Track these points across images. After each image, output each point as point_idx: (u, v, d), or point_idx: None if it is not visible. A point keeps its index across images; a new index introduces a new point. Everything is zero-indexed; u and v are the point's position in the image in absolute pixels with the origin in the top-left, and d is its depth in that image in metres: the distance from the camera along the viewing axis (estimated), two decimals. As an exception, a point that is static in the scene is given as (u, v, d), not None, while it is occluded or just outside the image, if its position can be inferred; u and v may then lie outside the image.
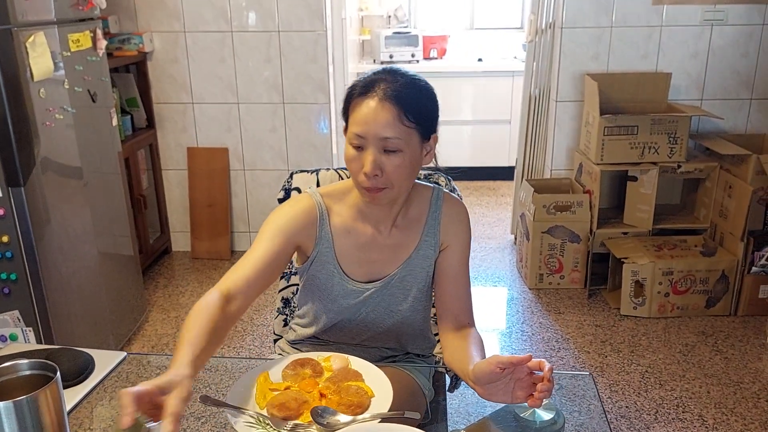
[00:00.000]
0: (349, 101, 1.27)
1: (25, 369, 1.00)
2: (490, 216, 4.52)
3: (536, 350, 2.85)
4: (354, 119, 1.24)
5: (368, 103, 1.22)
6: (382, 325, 1.42)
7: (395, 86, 1.23)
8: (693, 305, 3.10)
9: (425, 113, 1.27)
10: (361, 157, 1.24)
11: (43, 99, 2.23)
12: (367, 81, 1.25)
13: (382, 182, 1.25)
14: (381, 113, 1.21)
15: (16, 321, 2.29)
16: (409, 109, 1.22)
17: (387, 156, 1.23)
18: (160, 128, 3.72)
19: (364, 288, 1.38)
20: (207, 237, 3.82)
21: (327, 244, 1.37)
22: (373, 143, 1.22)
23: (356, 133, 1.23)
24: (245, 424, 1.10)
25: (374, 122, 1.21)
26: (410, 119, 1.23)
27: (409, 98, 1.23)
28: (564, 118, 3.56)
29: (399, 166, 1.24)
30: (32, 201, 2.20)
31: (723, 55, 3.40)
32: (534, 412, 1.09)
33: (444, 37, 5.46)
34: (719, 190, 3.20)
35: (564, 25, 3.39)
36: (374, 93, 1.23)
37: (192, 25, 3.54)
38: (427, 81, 1.31)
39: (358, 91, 1.25)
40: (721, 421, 2.36)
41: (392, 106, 1.21)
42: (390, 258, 1.38)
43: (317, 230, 1.36)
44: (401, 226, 1.38)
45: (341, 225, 1.37)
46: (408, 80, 1.26)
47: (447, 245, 1.39)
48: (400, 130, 1.22)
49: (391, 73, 1.27)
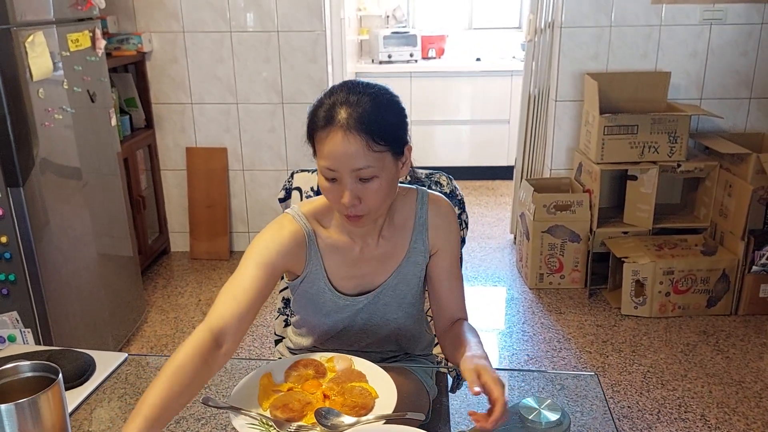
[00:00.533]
0: (313, 131, 1.22)
1: (27, 371, 0.99)
2: (490, 216, 4.51)
3: (537, 350, 2.85)
4: (322, 153, 1.20)
5: (333, 137, 1.16)
6: (380, 334, 1.42)
7: (358, 111, 1.16)
8: (694, 305, 3.10)
9: (393, 132, 1.21)
10: (336, 189, 1.21)
11: (42, 99, 2.22)
12: (327, 108, 1.19)
13: (362, 209, 1.22)
14: (348, 145, 1.16)
15: (14, 322, 2.28)
16: (377, 134, 1.17)
17: (363, 184, 1.19)
18: (158, 128, 3.71)
19: (355, 301, 1.38)
20: (206, 237, 3.81)
21: (317, 263, 1.35)
22: (347, 174, 1.18)
23: (327, 167, 1.19)
24: (248, 425, 1.09)
25: (344, 155, 1.16)
26: (380, 143, 1.17)
27: (375, 122, 1.17)
28: (563, 117, 3.56)
29: (377, 191, 1.21)
30: (31, 201, 2.19)
31: (722, 54, 3.40)
32: (540, 413, 1.08)
33: (442, 36, 5.46)
34: (719, 189, 3.19)
35: (563, 25, 3.39)
36: (337, 123, 1.16)
37: (191, 26, 3.53)
38: (388, 90, 1.25)
39: (321, 122, 1.19)
40: (724, 421, 2.35)
41: (358, 135, 1.16)
42: (379, 269, 1.37)
43: (305, 252, 1.33)
44: (388, 235, 1.36)
45: (329, 243, 1.35)
46: (370, 99, 1.19)
47: (437, 250, 1.38)
48: (371, 158, 1.17)
49: (351, 92, 1.20)
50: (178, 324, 3.09)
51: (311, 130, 1.23)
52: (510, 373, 1.91)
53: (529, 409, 1.10)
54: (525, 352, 2.85)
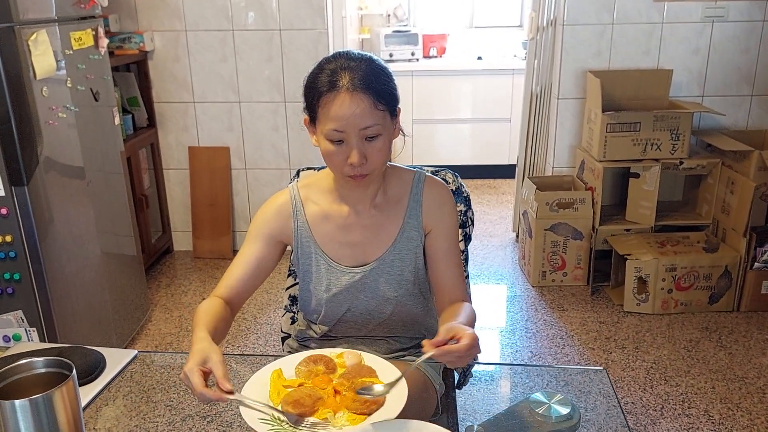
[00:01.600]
0: (316, 98, 1.27)
1: (41, 367, 1.00)
2: (492, 214, 4.52)
3: (541, 347, 2.85)
4: (328, 115, 1.25)
5: (340, 98, 1.23)
6: (384, 312, 1.43)
7: (360, 74, 1.24)
8: (696, 301, 3.11)
9: (391, 93, 1.29)
10: (342, 150, 1.26)
11: (45, 97, 2.22)
12: (329, 73, 1.26)
13: (367, 168, 1.28)
14: (356, 105, 1.23)
15: (19, 321, 2.28)
16: (380, 93, 1.25)
17: (369, 143, 1.26)
18: (161, 127, 3.71)
19: (352, 272, 1.40)
20: (209, 236, 3.81)
21: (306, 234, 1.40)
22: (354, 134, 1.24)
23: (334, 128, 1.24)
24: (260, 420, 1.10)
25: (352, 115, 1.23)
26: (382, 102, 1.25)
27: (377, 82, 1.25)
28: (565, 115, 3.56)
29: (381, 149, 1.28)
30: (35, 200, 2.19)
31: (724, 51, 3.41)
32: (550, 408, 1.09)
33: (443, 35, 5.46)
34: (721, 186, 3.20)
35: (565, 22, 3.39)
36: (341, 85, 1.23)
37: (193, 24, 3.53)
38: (375, 56, 1.33)
39: (324, 87, 1.25)
40: (727, 417, 2.36)
41: (364, 94, 1.23)
42: (372, 240, 1.40)
43: (292, 223, 1.41)
44: (380, 206, 1.40)
45: (318, 213, 1.41)
46: (367, 63, 1.27)
47: (431, 229, 1.40)
48: (376, 116, 1.25)
49: (346, 58, 1.27)
50: (182, 323, 3.10)
51: (313, 96, 1.28)
52: (519, 368, 1.91)
53: (539, 404, 1.10)
54: (528, 349, 2.85)
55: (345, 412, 1.12)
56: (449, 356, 1.08)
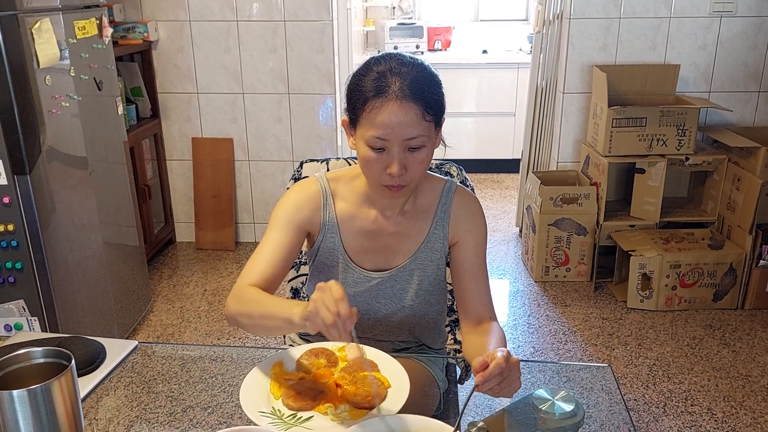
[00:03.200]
0: (361, 102, 1.20)
1: (39, 357, 0.99)
2: (495, 208, 4.50)
3: (543, 343, 2.84)
4: (372, 122, 1.19)
5: (388, 105, 1.17)
6: (394, 319, 1.41)
7: (409, 81, 1.18)
8: (700, 298, 3.09)
9: (441, 103, 1.24)
10: (383, 159, 1.21)
11: (49, 86, 2.21)
12: (377, 76, 1.19)
13: (406, 179, 1.23)
14: (404, 114, 1.17)
15: (21, 310, 2.28)
16: (429, 104, 1.19)
17: (411, 154, 1.21)
18: (164, 118, 3.70)
19: (369, 276, 1.37)
20: (211, 228, 3.80)
21: (332, 230, 1.36)
22: (397, 144, 1.19)
23: (378, 136, 1.19)
24: (260, 414, 1.09)
25: (398, 125, 1.17)
26: (430, 113, 1.20)
27: (426, 92, 1.19)
28: (571, 109, 3.54)
29: (422, 161, 1.22)
30: (38, 189, 2.18)
31: (731, 46, 3.38)
32: (553, 404, 1.08)
33: (449, 28, 5.43)
34: (727, 183, 3.18)
35: (572, 16, 3.36)
36: (390, 92, 1.17)
37: (197, 15, 3.51)
38: (426, 62, 1.26)
39: (371, 91, 1.19)
40: (731, 415, 2.35)
41: (413, 104, 1.17)
42: (396, 247, 1.37)
43: (321, 215, 1.36)
44: (408, 214, 1.36)
45: (346, 211, 1.36)
46: (418, 70, 1.21)
47: (458, 239, 1.37)
48: (423, 127, 1.19)
49: (398, 62, 1.21)
50: (184, 314, 3.09)
51: (358, 99, 1.21)
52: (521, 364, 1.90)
53: (543, 400, 1.09)
54: (530, 344, 2.84)
55: (346, 406, 1.11)
56: (496, 390, 1.03)
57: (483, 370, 1.02)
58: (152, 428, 1.24)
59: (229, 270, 3.55)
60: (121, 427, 1.24)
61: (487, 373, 1.01)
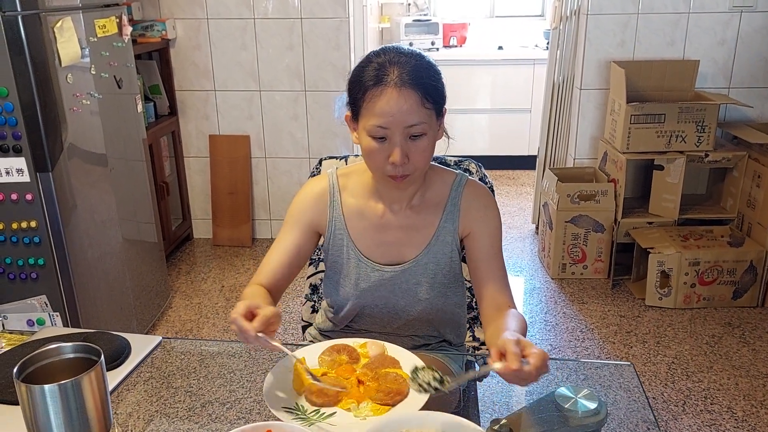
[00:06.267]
0: (361, 93, 1.22)
1: (69, 352, 1.00)
2: (511, 205, 4.49)
3: (560, 340, 2.84)
4: (373, 111, 1.21)
5: (387, 93, 1.19)
6: (412, 312, 1.41)
7: (408, 69, 1.20)
8: (719, 296, 3.07)
9: (440, 91, 1.25)
10: (385, 148, 1.22)
11: (70, 84, 2.23)
12: (377, 66, 1.22)
13: (409, 168, 1.24)
14: (403, 101, 1.19)
15: (43, 306, 2.31)
16: (428, 91, 1.21)
17: (413, 142, 1.22)
18: (182, 115, 3.72)
19: (383, 270, 1.37)
20: (228, 224, 3.82)
21: (340, 226, 1.38)
22: (398, 132, 1.20)
23: (378, 125, 1.20)
24: (284, 410, 1.10)
25: (398, 112, 1.19)
26: (430, 101, 1.21)
27: (425, 79, 1.21)
28: (588, 106, 3.52)
29: (424, 150, 1.24)
30: (59, 186, 2.20)
31: (751, 42, 3.34)
32: (576, 402, 1.08)
33: (464, 24, 5.41)
34: (747, 180, 3.15)
35: (589, 12, 3.34)
36: (389, 80, 1.19)
37: (214, 12, 3.53)
38: (426, 54, 1.29)
39: (371, 81, 1.21)
40: (751, 414, 2.33)
41: (412, 91, 1.19)
42: (406, 240, 1.37)
43: (328, 213, 1.38)
44: (417, 207, 1.37)
45: (354, 206, 1.38)
46: (416, 59, 1.23)
47: (470, 231, 1.36)
48: (423, 114, 1.21)
49: (395, 53, 1.23)
50: (202, 309, 3.12)
51: (358, 90, 1.23)
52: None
53: (565, 398, 1.09)
54: (548, 341, 2.84)
55: (369, 403, 1.12)
56: (516, 377, 1.01)
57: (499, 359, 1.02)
58: (172, 423, 1.25)
59: (246, 266, 3.57)
60: (142, 422, 1.26)
61: (512, 370, 1.00)
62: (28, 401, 0.92)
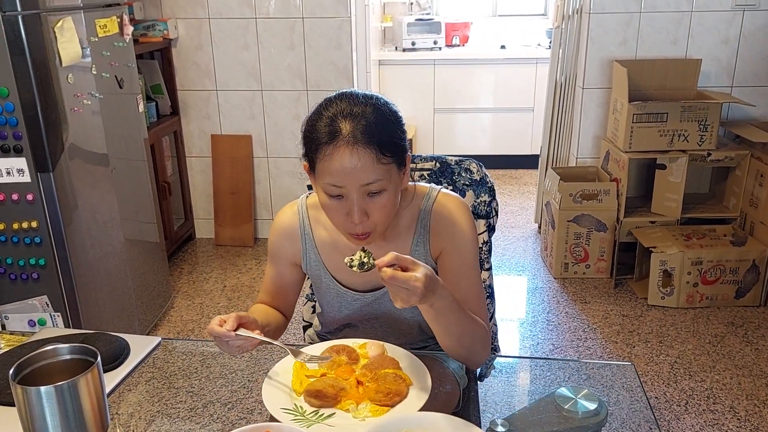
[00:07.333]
0: (314, 148, 1.15)
1: (66, 353, 1.00)
2: (513, 205, 4.48)
3: (563, 340, 2.83)
4: (326, 169, 1.13)
5: (340, 152, 1.11)
6: (401, 327, 1.41)
7: (362, 123, 1.12)
8: (722, 295, 3.06)
9: (398, 143, 1.17)
10: (342, 205, 1.16)
11: (71, 84, 2.23)
12: (328, 120, 1.13)
13: (369, 225, 1.18)
14: (357, 159, 1.11)
15: (44, 306, 2.31)
16: (384, 146, 1.13)
17: (371, 199, 1.15)
18: (184, 115, 3.72)
19: (363, 297, 1.36)
20: (230, 224, 3.82)
21: (315, 258, 1.36)
22: (354, 190, 1.13)
23: (333, 183, 1.14)
24: (282, 411, 1.09)
25: (352, 170, 1.11)
26: (387, 155, 1.13)
27: (381, 133, 1.13)
28: (590, 105, 3.51)
29: (384, 205, 1.17)
30: (60, 186, 2.20)
31: (754, 40, 3.33)
32: (576, 403, 1.07)
33: (467, 24, 5.40)
34: (750, 179, 3.14)
35: (592, 11, 3.33)
36: (342, 137, 1.11)
37: (216, 12, 3.53)
38: (386, 99, 1.20)
39: (323, 137, 1.13)
40: (754, 413, 2.32)
41: (366, 148, 1.11)
42: None
43: (301, 245, 1.36)
44: (390, 235, 1.31)
45: (327, 239, 1.34)
46: (373, 110, 1.14)
47: (441, 249, 1.31)
48: (379, 171, 1.13)
49: (349, 103, 1.14)
50: (204, 309, 3.11)
51: (311, 144, 1.16)
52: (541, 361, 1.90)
53: (566, 399, 1.08)
54: (550, 341, 2.83)
55: (368, 404, 1.11)
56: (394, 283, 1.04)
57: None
58: (173, 423, 1.25)
59: (248, 266, 3.57)
60: (143, 422, 1.26)
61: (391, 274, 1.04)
62: (24, 403, 0.91)
